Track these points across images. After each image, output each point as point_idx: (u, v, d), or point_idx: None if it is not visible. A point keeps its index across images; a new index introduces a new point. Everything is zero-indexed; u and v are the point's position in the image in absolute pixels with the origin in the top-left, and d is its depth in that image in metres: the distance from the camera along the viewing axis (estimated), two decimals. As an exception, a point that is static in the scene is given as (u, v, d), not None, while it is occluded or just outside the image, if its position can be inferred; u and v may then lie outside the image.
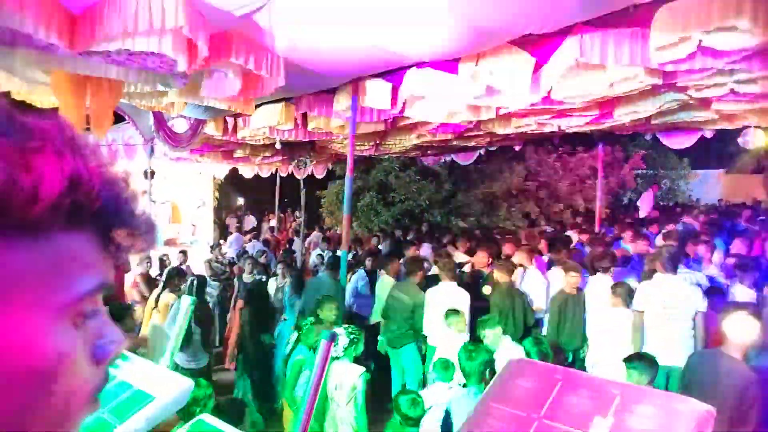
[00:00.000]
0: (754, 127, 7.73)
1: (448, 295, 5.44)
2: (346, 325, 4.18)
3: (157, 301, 5.73)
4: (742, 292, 5.31)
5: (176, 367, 4.76)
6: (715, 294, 5.15)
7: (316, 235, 13.12)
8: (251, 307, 5.57)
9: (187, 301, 1.71)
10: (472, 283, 6.29)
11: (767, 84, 4.39)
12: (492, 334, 4.47)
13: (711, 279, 5.97)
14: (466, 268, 7.05)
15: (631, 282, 5.26)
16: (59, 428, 0.46)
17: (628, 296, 4.91)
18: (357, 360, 4.04)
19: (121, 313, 4.10)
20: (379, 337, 5.90)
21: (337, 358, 3.82)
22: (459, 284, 5.66)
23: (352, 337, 3.90)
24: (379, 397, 5.17)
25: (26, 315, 0.42)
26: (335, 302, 4.90)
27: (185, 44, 3.37)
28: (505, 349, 4.37)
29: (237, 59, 3.64)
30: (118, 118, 7.94)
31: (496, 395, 0.95)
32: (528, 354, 4.14)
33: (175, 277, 5.62)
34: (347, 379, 3.75)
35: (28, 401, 0.43)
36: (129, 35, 3.07)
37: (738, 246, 7.75)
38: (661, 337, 4.65)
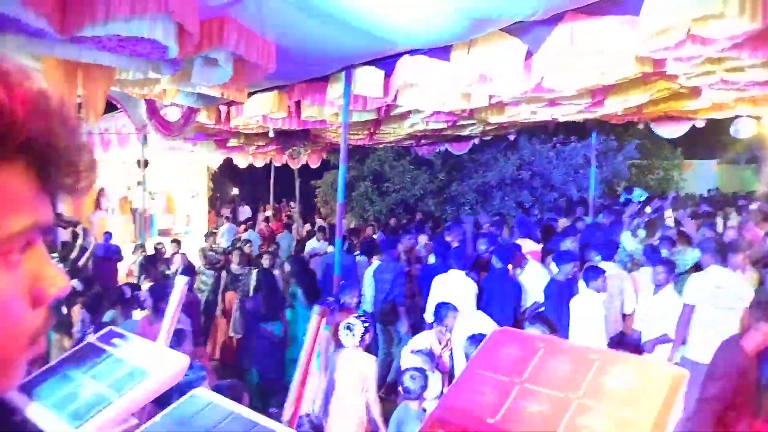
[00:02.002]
0: (746, 116, 7.79)
1: (455, 281, 5.54)
2: (357, 314, 4.27)
3: None
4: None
5: None
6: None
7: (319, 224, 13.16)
8: (260, 296, 5.57)
9: (182, 281, 1.73)
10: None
11: (756, 72, 4.43)
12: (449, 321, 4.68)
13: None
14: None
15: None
16: None
17: (594, 280, 5.01)
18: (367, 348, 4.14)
19: (161, 294, 4.10)
20: None
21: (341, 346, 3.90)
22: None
23: (366, 325, 3.97)
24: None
25: None
26: (357, 288, 5.14)
27: (176, 30, 3.37)
28: (479, 324, 4.53)
29: (228, 45, 3.64)
30: (111, 107, 7.91)
31: (479, 362, 0.98)
32: None
33: (150, 266, 5.59)
34: (359, 368, 3.82)
35: None
36: (120, 20, 3.06)
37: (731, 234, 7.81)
38: (712, 332, 4.41)
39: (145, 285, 5.49)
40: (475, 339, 3.72)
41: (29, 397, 1.29)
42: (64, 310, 5.07)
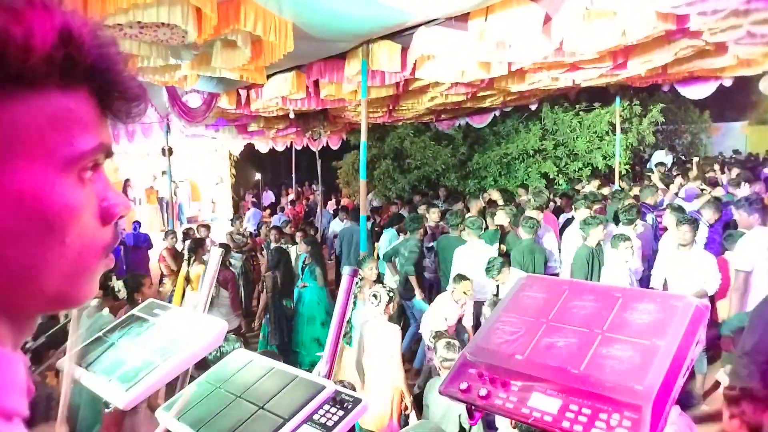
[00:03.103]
0: (775, 71, 7.54)
1: (478, 252, 5.58)
2: (382, 284, 4.36)
3: (188, 275, 5.90)
4: None
5: None
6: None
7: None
8: (277, 273, 5.71)
9: (217, 252, 1.79)
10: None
11: (785, 22, 4.29)
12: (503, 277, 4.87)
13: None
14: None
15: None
16: (74, 281, 0.49)
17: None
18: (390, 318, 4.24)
19: (136, 282, 4.21)
20: None
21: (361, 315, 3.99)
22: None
23: (390, 295, 4.10)
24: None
25: (32, 167, 0.44)
26: (375, 261, 5.12)
27: (194, 13, 3.41)
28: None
29: (245, 26, 3.67)
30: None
31: (507, 307, 1.01)
32: None
33: (198, 248, 5.76)
34: (387, 336, 3.94)
35: (41, 250, 0.46)
36: (140, 6, 3.12)
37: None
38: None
39: (195, 268, 5.65)
40: (494, 304, 3.83)
41: (81, 365, 1.37)
42: None
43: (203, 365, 1.85)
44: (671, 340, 0.81)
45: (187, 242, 6.30)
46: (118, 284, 4.38)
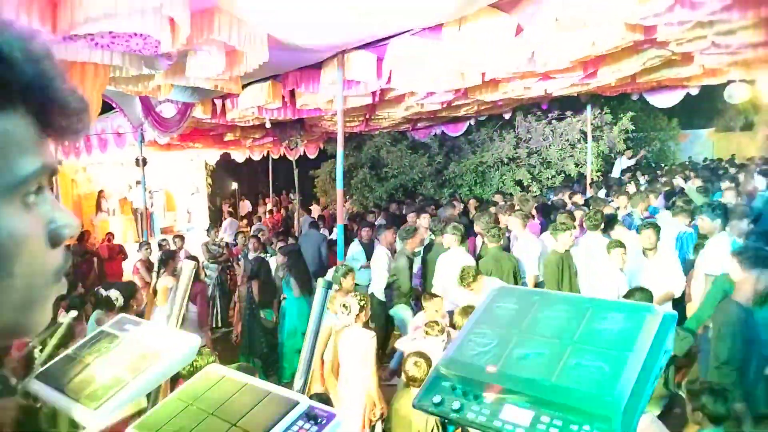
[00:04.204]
0: (739, 80, 7.77)
1: (458, 260, 5.54)
2: (354, 293, 4.33)
3: (154, 288, 5.78)
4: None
5: None
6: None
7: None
8: (253, 284, 5.64)
9: (190, 265, 1.76)
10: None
11: (747, 33, 4.43)
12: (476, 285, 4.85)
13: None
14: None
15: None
16: (25, 311, 0.47)
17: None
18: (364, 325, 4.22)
19: (129, 292, 4.13)
20: None
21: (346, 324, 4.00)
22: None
23: (362, 303, 4.08)
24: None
25: None
26: (354, 272, 5.13)
27: (167, 23, 3.37)
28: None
29: (219, 36, 3.65)
30: (107, 108, 7.91)
31: (479, 319, 1.02)
32: None
33: (169, 260, 5.67)
34: (361, 344, 3.92)
35: None
36: (111, 16, 3.07)
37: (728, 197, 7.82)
38: None
39: (162, 280, 5.54)
40: (465, 311, 3.87)
41: (48, 384, 1.33)
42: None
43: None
44: (640, 350, 0.83)
45: (158, 253, 6.20)
46: (113, 293, 4.26)
